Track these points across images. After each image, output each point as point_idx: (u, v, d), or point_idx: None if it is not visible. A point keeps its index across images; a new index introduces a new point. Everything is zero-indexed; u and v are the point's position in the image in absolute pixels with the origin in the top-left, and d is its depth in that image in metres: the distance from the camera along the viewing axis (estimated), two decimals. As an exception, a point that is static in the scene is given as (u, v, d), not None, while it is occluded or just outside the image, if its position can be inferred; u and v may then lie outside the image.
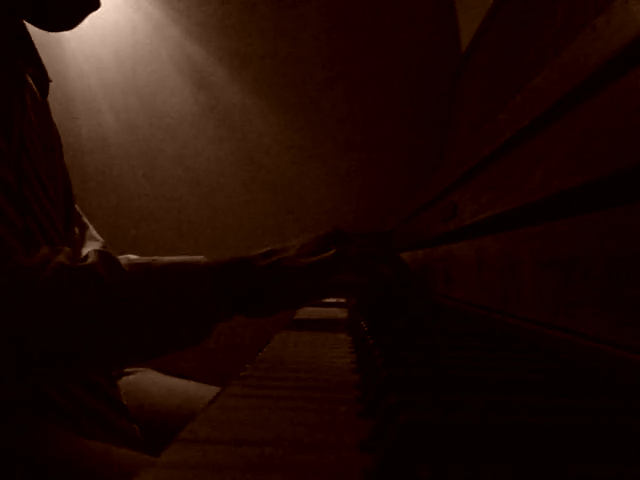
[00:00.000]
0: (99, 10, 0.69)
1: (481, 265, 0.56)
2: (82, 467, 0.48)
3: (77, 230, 0.82)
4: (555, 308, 0.38)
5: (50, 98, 0.75)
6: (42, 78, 0.68)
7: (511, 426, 0.19)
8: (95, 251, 0.49)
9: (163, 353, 0.51)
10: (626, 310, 0.29)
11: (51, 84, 0.73)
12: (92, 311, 0.45)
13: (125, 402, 0.66)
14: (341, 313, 0.79)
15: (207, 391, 0.77)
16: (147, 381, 0.78)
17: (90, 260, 0.48)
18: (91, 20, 0.71)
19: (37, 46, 0.67)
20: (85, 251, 0.80)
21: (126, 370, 0.79)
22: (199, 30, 1.71)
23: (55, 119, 0.76)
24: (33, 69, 0.66)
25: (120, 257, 0.55)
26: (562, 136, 0.37)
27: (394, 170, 1.66)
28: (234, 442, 0.22)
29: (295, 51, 1.70)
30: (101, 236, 0.88)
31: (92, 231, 0.86)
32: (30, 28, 0.65)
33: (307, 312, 0.79)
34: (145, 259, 0.52)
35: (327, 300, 0.94)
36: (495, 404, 0.23)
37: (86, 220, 0.86)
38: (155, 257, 0.53)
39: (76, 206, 0.83)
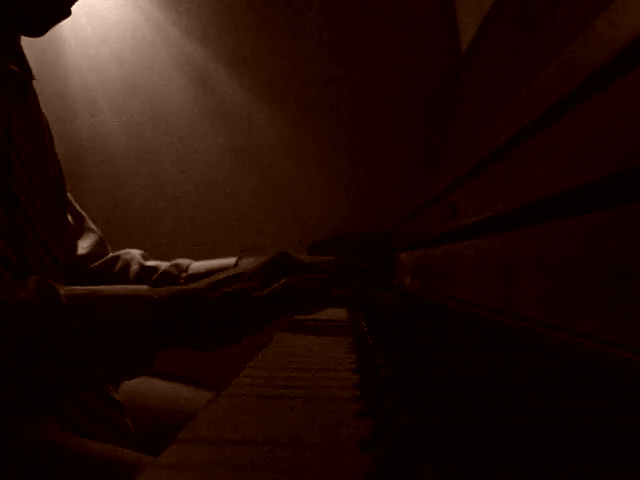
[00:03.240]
0: (99, 10, 0.70)
1: (481, 265, 0.56)
2: (81, 467, 0.48)
3: (72, 219, 0.82)
4: (555, 308, 0.38)
5: (50, 98, 0.75)
6: (25, 75, 0.68)
7: (511, 426, 0.19)
8: (34, 281, 0.48)
9: (103, 383, 0.52)
10: (626, 310, 0.29)
11: (51, 84, 0.73)
12: (27, 345, 0.45)
13: (117, 397, 0.66)
14: (341, 313, 0.79)
15: (205, 396, 0.77)
16: (146, 387, 0.78)
17: (27, 293, 0.47)
18: (91, 20, 0.71)
19: (36, 46, 0.67)
20: (81, 243, 0.81)
21: None
22: (199, 30, 1.71)
23: (55, 119, 0.76)
24: (16, 66, 0.66)
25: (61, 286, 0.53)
26: (562, 136, 0.37)
27: (394, 170, 1.66)
28: (233, 442, 0.22)
29: (295, 51, 1.70)
30: (99, 231, 0.88)
31: (88, 222, 0.86)
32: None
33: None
34: (86, 289, 0.51)
35: None
36: (495, 404, 0.23)
37: (81, 210, 0.86)
38: (97, 287, 0.52)
39: (69, 195, 0.83)
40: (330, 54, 1.70)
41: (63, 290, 0.49)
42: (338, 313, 0.79)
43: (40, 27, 0.64)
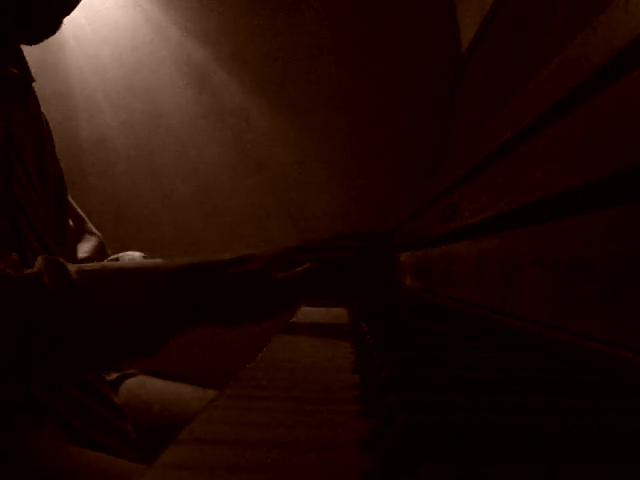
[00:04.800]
0: (99, 10, 0.69)
1: (481, 265, 0.56)
2: (74, 476, 0.47)
3: (72, 223, 0.82)
4: (555, 308, 0.38)
5: (51, 98, 0.75)
6: (26, 78, 0.68)
7: (511, 426, 0.19)
8: (42, 258, 0.47)
9: (119, 362, 0.50)
10: (626, 310, 0.29)
11: (52, 84, 0.73)
12: (36, 320, 0.43)
13: (117, 400, 0.66)
14: (341, 313, 0.79)
15: (205, 395, 0.77)
16: (146, 387, 0.78)
17: (35, 268, 0.45)
18: (91, 20, 0.71)
19: (36, 47, 0.67)
20: (81, 247, 0.80)
21: (124, 374, 0.79)
22: (199, 30, 1.71)
23: (55, 119, 0.76)
24: (17, 69, 0.66)
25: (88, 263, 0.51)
26: (562, 136, 0.37)
27: (394, 170, 1.66)
28: (233, 443, 0.22)
29: (294, 51, 1.70)
30: (100, 235, 0.87)
31: (89, 225, 0.85)
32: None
33: (305, 312, 0.79)
34: (97, 265, 0.50)
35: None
36: (495, 404, 0.23)
37: (82, 213, 0.85)
38: (108, 263, 0.50)
39: (70, 198, 0.82)
40: (330, 54, 1.70)
41: (73, 267, 0.47)
42: (338, 314, 0.79)
43: (50, 26, 0.64)
